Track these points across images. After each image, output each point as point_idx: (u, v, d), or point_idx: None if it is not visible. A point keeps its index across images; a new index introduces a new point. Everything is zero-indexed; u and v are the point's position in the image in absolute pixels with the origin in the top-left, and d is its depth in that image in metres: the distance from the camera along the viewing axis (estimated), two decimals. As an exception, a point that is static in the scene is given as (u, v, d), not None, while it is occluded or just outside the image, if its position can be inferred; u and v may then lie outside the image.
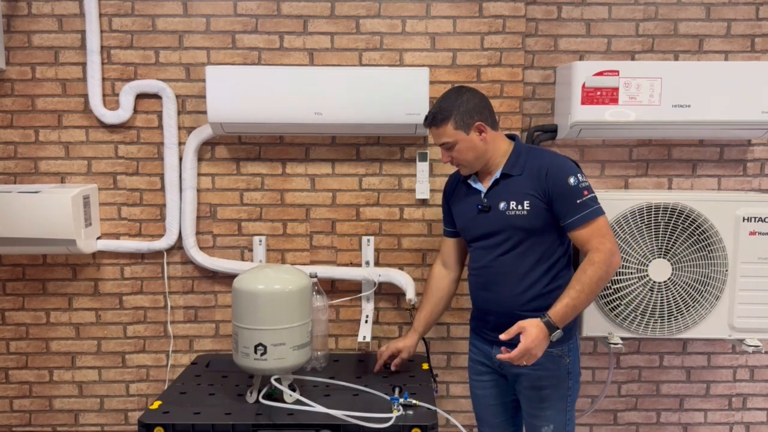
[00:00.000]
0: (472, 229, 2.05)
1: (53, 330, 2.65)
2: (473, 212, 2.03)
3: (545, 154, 1.98)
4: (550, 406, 2.01)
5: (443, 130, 1.94)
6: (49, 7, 2.49)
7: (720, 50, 2.60)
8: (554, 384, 2.00)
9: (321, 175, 2.58)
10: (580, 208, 1.87)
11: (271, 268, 1.99)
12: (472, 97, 1.96)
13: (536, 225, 1.92)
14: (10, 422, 2.69)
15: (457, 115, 1.93)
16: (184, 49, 2.51)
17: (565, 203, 1.88)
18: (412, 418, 1.82)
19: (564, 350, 1.99)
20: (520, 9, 2.49)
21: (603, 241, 1.85)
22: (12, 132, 2.55)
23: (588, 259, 1.85)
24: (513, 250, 1.96)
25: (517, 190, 1.94)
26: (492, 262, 2.00)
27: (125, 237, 2.60)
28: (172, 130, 2.51)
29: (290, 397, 1.88)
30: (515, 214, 1.93)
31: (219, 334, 2.66)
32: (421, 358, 2.38)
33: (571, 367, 2.01)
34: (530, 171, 1.93)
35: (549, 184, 1.89)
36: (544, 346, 1.81)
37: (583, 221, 1.87)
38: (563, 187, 1.88)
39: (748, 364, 2.77)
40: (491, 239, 1.99)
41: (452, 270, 2.24)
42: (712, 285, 2.35)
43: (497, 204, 1.96)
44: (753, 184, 2.67)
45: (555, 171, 1.90)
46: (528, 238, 1.94)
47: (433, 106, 2.00)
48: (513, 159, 1.98)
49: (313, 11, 2.49)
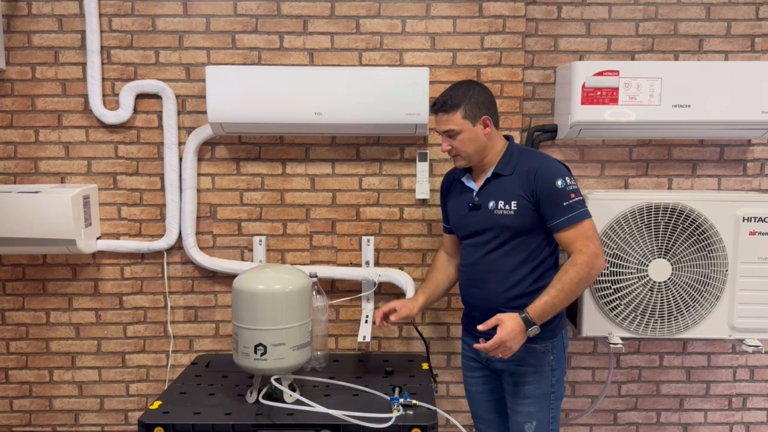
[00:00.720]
0: (463, 226, 2.09)
1: (53, 330, 2.65)
2: (465, 210, 2.07)
3: (536, 156, 2.02)
4: (533, 402, 2.03)
5: (451, 117, 1.96)
6: (49, 7, 2.49)
7: (720, 50, 2.60)
8: (537, 380, 2.02)
9: (321, 175, 2.58)
10: (566, 211, 1.90)
11: (271, 268, 1.99)
12: (483, 91, 2.00)
13: (523, 225, 1.96)
14: (10, 422, 2.69)
15: (467, 104, 1.95)
16: (184, 49, 2.51)
17: (552, 205, 1.91)
18: (412, 418, 1.82)
19: (548, 347, 2.02)
20: (520, 9, 2.49)
21: (587, 243, 1.89)
22: (12, 132, 2.55)
23: (571, 260, 1.89)
24: (500, 248, 1.99)
25: (506, 190, 1.98)
26: (480, 260, 2.04)
27: (125, 237, 2.60)
28: (172, 130, 2.51)
29: (290, 397, 1.89)
30: (503, 214, 1.97)
31: (219, 334, 2.66)
32: (421, 358, 2.38)
33: (555, 364, 2.04)
34: (520, 172, 1.97)
35: (537, 186, 1.93)
36: (520, 340, 1.86)
37: (568, 223, 1.90)
38: (550, 189, 1.91)
39: (748, 364, 2.77)
40: (480, 237, 2.03)
41: (456, 258, 2.23)
42: (712, 285, 2.35)
43: (487, 203, 2.00)
44: (753, 184, 2.67)
45: (543, 173, 1.93)
46: (515, 238, 1.97)
47: (442, 93, 2.01)
48: (505, 159, 2.02)
49: (313, 11, 2.49)
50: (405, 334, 2.66)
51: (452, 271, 2.25)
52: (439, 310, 2.65)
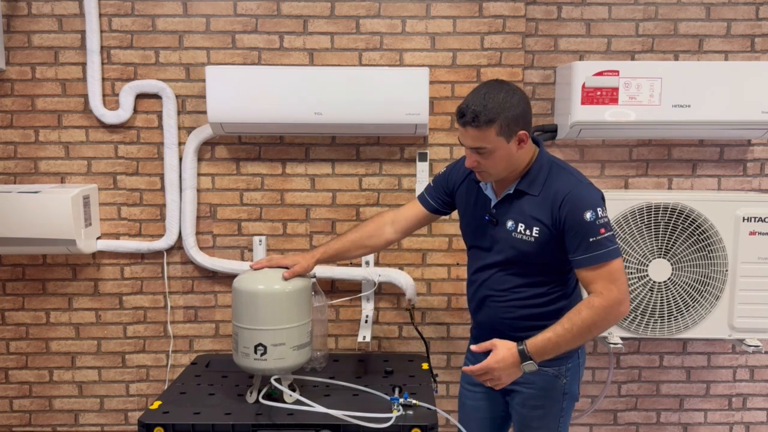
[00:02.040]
0: (476, 237, 1.90)
1: (53, 330, 2.65)
2: (481, 220, 1.86)
3: (568, 178, 1.75)
4: (540, 426, 1.90)
5: (484, 134, 1.66)
6: (49, 7, 2.49)
7: (720, 50, 2.60)
8: (547, 404, 1.87)
9: (321, 175, 2.58)
10: (592, 247, 1.66)
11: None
12: (521, 101, 1.70)
13: (542, 254, 1.75)
14: (10, 422, 2.69)
15: (503, 119, 1.66)
16: (184, 49, 2.51)
17: (576, 239, 1.68)
18: (412, 418, 1.82)
19: (561, 371, 1.85)
20: (520, 9, 2.49)
21: (610, 287, 1.66)
22: (12, 132, 2.55)
23: (588, 300, 1.68)
24: (513, 269, 1.81)
25: (527, 212, 1.75)
26: (489, 276, 1.86)
27: (125, 237, 2.60)
28: (172, 130, 2.51)
29: (290, 397, 1.88)
30: (521, 239, 1.76)
31: (219, 334, 2.66)
32: (421, 358, 2.38)
33: (568, 388, 1.87)
34: (546, 194, 1.73)
35: (562, 215, 1.69)
36: (512, 373, 1.68)
37: (592, 262, 1.67)
38: (577, 222, 1.67)
39: (748, 364, 2.77)
40: (492, 254, 1.84)
41: (396, 231, 2.04)
42: (712, 285, 2.35)
43: (505, 221, 1.79)
44: (753, 184, 2.67)
45: (572, 201, 1.69)
46: (531, 263, 1.79)
47: (472, 98, 1.68)
48: (533, 174, 1.77)
49: (313, 11, 2.49)
50: (405, 334, 2.66)
51: (378, 242, 2.03)
52: (439, 310, 2.65)
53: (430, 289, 2.63)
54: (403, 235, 2.07)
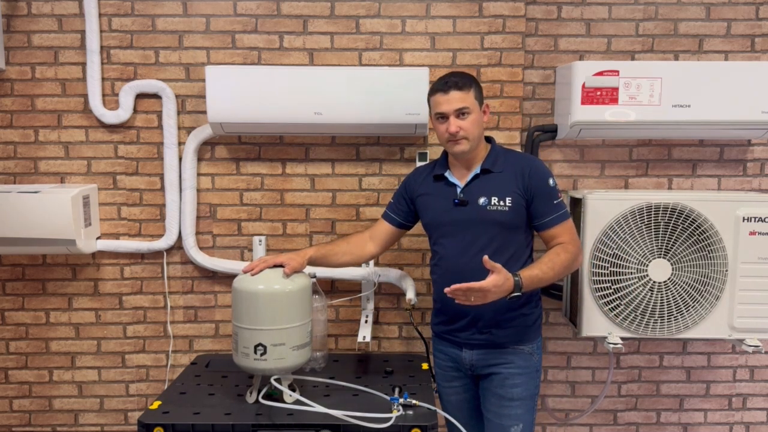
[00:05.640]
0: (445, 223, 2.04)
1: (53, 330, 2.65)
2: (448, 205, 2.03)
3: (525, 156, 2.10)
4: (520, 404, 2.03)
5: (466, 95, 1.95)
6: (49, 7, 2.49)
7: (720, 50, 2.60)
8: (526, 381, 2.04)
9: (321, 175, 2.58)
10: (556, 208, 1.99)
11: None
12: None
13: (515, 221, 1.99)
14: (10, 422, 2.69)
15: (476, 87, 2.00)
16: (184, 49, 2.51)
17: (544, 202, 1.99)
18: (412, 418, 1.82)
19: (533, 348, 2.07)
20: (520, 9, 2.49)
21: (575, 239, 2.02)
22: (12, 132, 2.55)
23: (563, 246, 1.97)
24: (488, 246, 1.97)
25: (499, 186, 2.00)
26: (465, 259, 1.99)
27: (125, 237, 2.60)
28: (172, 130, 2.51)
29: (290, 397, 1.88)
30: (497, 210, 1.98)
31: (219, 334, 2.66)
32: (421, 358, 2.38)
33: (538, 364, 2.09)
34: (512, 169, 2.01)
35: (533, 183, 1.98)
36: (499, 297, 1.82)
37: (559, 220, 2.00)
38: (544, 188, 1.98)
39: (748, 364, 2.77)
40: (465, 234, 2.00)
41: (376, 246, 2.20)
42: (712, 285, 2.35)
43: (476, 199, 2.00)
44: (753, 184, 2.67)
45: (537, 171, 2.00)
46: (503, 235, 1.99)
47: (444, 75, 2.00)
48: (493, 156, 2.05)
49: (313, 11, 2.49)
50: (405, 334, 2.66)
51: (362, 253, 2.18)
52: (439, 310, 2.65)
53: (430, 289, 2.63)
54: (383, 249, 2.24)
